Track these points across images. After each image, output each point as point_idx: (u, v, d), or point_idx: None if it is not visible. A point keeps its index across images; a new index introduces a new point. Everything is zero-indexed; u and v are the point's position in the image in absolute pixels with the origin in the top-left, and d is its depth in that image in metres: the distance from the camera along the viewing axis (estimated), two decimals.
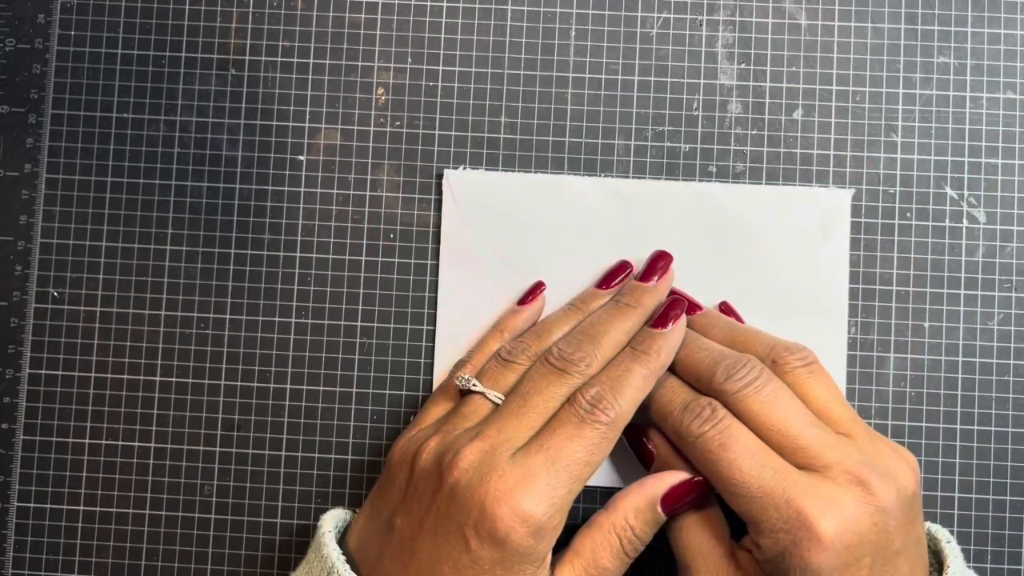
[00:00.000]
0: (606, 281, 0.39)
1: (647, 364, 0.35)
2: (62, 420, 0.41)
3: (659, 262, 0.39)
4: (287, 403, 0.41)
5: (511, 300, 0.40)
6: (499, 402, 0.35)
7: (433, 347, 0.41)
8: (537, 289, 0.40)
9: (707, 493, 0.35)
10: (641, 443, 0.37)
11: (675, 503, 0.35)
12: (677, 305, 0.37)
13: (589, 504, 0.40)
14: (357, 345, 0.41)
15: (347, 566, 0.33)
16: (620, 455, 0.39)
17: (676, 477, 0.35)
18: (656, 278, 0.39)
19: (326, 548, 0.34)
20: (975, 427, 0.40)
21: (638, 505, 0.35)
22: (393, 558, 0.33)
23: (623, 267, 0.40)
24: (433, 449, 0.34)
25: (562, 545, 0.34)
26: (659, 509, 0.35)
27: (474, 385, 0.36)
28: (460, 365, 0.38)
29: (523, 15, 0.42)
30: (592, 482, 0.34)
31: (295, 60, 0.42)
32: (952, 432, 0.40)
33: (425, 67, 0.42)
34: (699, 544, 0.35)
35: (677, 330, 0.37)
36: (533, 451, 0.33)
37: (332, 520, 0.36)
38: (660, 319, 0.37)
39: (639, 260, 0.40)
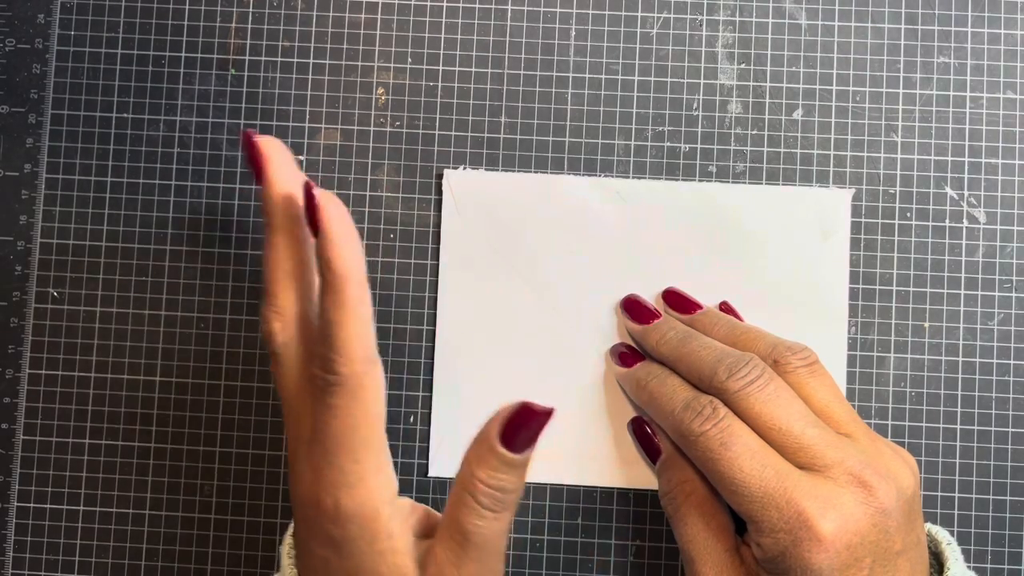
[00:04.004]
0: None
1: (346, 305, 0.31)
2: (62, 420, 0.41)
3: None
4: None
5: (511, 300, 0.40)
6: None
7: (433, 347, 0.41)
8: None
9: (547, 423, 0.31)
10: (648, 437, 0.37)
11: (517, 437, 0.30)
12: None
13: (589, 504, 0.40)
14: None
15: None
16: (621, 454, 0.39)
17: (512, 408, 0.31)
18: None
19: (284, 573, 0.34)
20: (975, 427, 0.40)
21: (478, 453, 0.31)
22: None
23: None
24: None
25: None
26: (501, 450, 0.30)
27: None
28: None
29: (523, 15, 0.42)
30: (592, 482, 0.34)
31: (295, 60, 0.42)
32: (952, 432, 0.40)
33: (425, 67, 0.42)
34: (704, 538, 0.35)
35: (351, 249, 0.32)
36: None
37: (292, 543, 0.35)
38: None
39: (639, 260, 0.40)
